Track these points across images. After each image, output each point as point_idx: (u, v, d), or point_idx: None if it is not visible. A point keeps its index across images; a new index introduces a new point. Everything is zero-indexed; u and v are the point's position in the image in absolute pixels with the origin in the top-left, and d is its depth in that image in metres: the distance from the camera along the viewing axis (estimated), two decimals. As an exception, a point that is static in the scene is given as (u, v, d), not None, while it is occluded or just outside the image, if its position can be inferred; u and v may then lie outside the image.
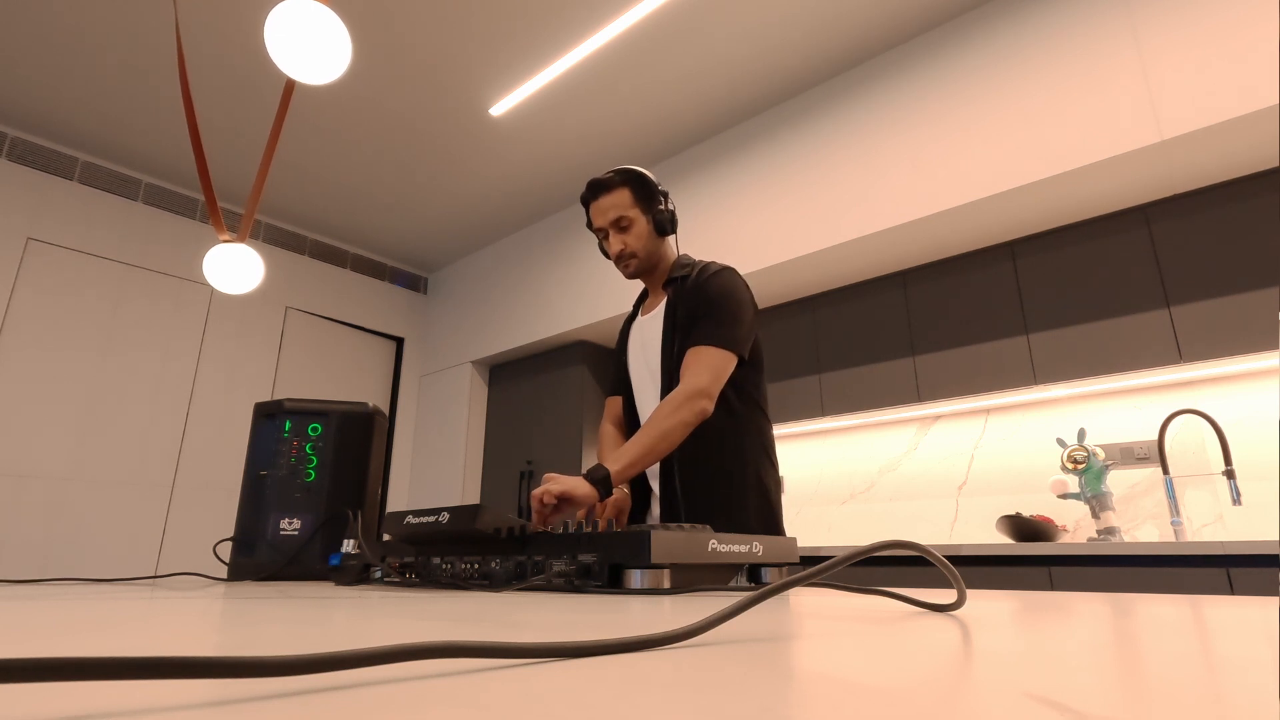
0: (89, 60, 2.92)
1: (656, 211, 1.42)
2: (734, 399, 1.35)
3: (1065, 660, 0.24)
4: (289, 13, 1.23)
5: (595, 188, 1.42)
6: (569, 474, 3.72)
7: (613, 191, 1.41)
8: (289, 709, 0.15)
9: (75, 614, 0.43)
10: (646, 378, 1.44)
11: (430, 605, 0.52)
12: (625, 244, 1.41)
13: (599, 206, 1.42)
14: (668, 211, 1.42)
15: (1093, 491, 2.35)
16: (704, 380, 1.25)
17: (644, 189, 1.41)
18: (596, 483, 1.14)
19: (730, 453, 1.34)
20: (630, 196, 1.41)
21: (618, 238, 1.41)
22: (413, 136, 3.42)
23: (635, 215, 1.40)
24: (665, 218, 1.42)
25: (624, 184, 1.41)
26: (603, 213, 1.41)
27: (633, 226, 1.41)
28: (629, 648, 0.26)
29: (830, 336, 3.07)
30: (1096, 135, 2.21)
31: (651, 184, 1.42)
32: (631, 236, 1.41)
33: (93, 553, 3.30)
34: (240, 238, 1.81)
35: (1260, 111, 1.95)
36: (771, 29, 2.73)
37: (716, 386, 1.27)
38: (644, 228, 1.42)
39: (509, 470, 4.10)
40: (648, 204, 1.42)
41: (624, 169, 1.42)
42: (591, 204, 1.43)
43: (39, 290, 3.34)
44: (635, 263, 1.43)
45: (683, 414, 1.22)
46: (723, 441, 1.33)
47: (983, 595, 0.65)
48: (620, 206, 1.40)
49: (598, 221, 1.43)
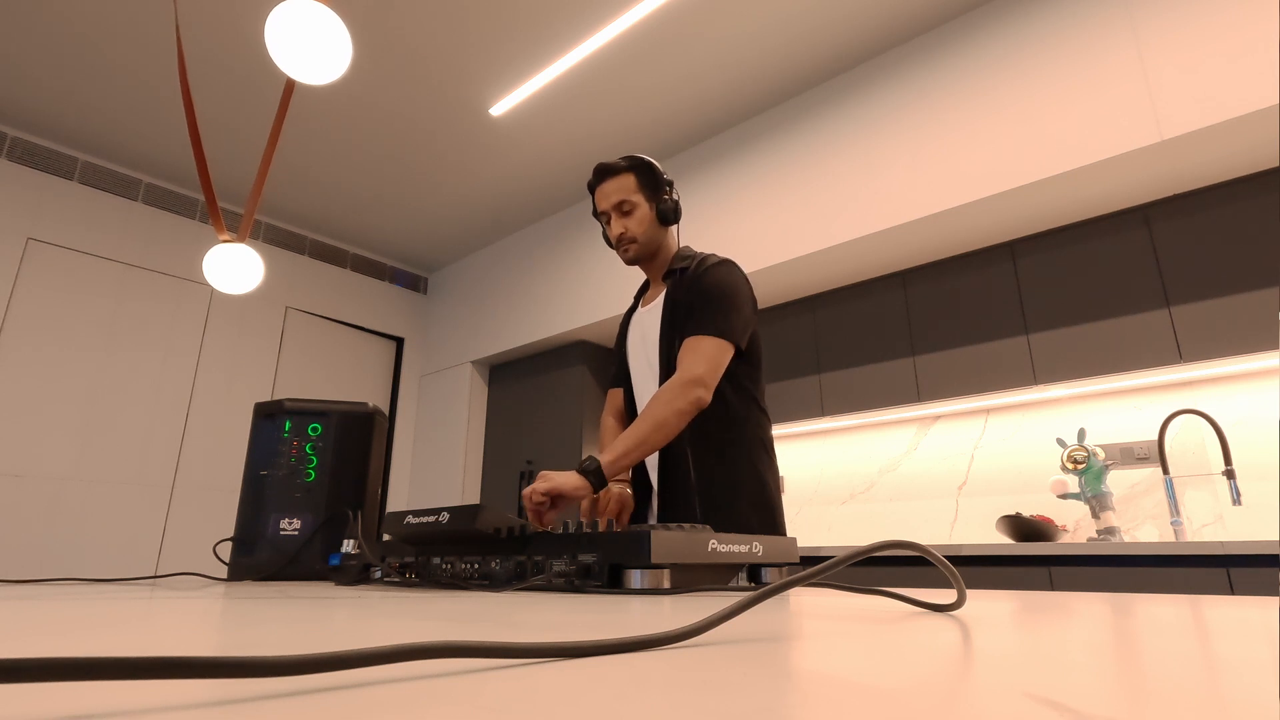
0: (89, 60, 2.92)
1: (660, 200, 1.43)
2: (732, 395, 1.35)
3: (1065, 660, 0.24)
4: (289, 13, 1.23)
5: (602, 172, 1.43)
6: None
7: (618, 176, 1.42)
8: (289, 709, 0.15)
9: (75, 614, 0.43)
10: (645, 369, 1.45)
11: (430, 605, 0.52)
12: (626, 228, 1.42)
13: (604, 190, 1.43)
14: (671, 201, 1.43)
15: (1093, 491, 2.35)
16: (700, 369, 1.25)
17: (650, 176, 1.43)
18: (587, 474, 1.13)
19: (729, 448, 1.33)
20: (635, 182, 1.42)
21: (619, 221, 1.42)
22: (413, 136, 3.42)
23: (638, 201, 1.42)
24: (669, 207, 1.43)
25: (630, 169, 1.42)
26: (606, 196, 1.43)
27: (635, 211, 1.42)
28: (629, 648, 0.26)
29: (830, 336, 3.07)
30: (1096, 135, 2.21)
31: (658, 172, 1.44)
32: (633, 221, 1.42)
33: (93, 553, 3.30)
34: (240, 238, 1.81)
35: (1260, 111, 1.95)
36: (772, 29, 2.73)
37: (713, 376, 1.26)
38: (646, 214, 1.43)
39: (509, 470, 4.10)
40: (652, 191, 1.43)
41: (632, 155, 1.44)
42: (597, 188, 1.45)
43: (39, 290, 3.34)
44: (635, 248, 1.43)
45: (678, 403, 1.21)
46: (722, 437, 1.33)
47: (983, 595, 0.65)
48: (624, 190, 1.41)
49: (601, 205, 1.44)
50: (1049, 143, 2.30)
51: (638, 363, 1.48)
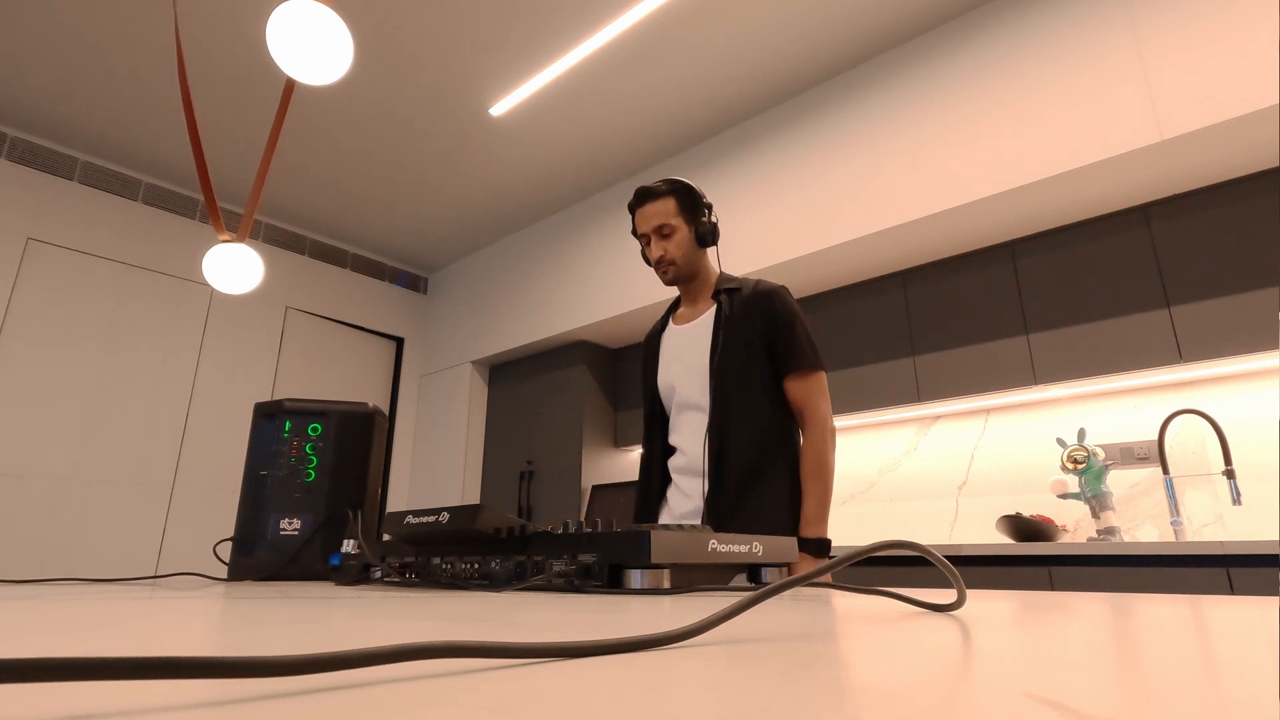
0: (89, 61, 2.92)
1: (699, 223, 1.47)
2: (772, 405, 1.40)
3: (1065, 660, 0.24)
4: (291, 13, 1.23)
5: (642, 195, 1.48)
6: (567, 474, 3.72)
7: (659, 199, 1.46)
8: (289, 709, 0.15)
9: (75, 614, 0.43)
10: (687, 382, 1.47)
11: (430, 605, 0.52)
12: (666, 250, 1.46)
13: (644, 213, 1.48)
14: (710, 224, 1.47)
15: (1093, 491, 2.35)
16: (823, 409, 1.39)
17: (689, 199, 1.47)
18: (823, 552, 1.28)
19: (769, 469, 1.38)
20: (675, 205, 1.46)
21: (659, 244, 1.47)
22: (413, 136, 3.42)
23: (678, 224, 1.46)
24: (707, 229, 1.47)
25: (670, 193, 1.46)
26: (647, 219, 1.47)
27: (675, 234, 1.46)
28: (629, 648, 0.26)
29: (830, 336, 3.07)
30: (1096, 135, 2.21)
31: (697, 195, 1.48)
32: (673, 244, 1.46)
33: (93, 553, 3.30)
34: (240, 238, 1.81)
35: (1260, 111, 1.95)
36: (771, 29, 2.73)
37: (829, 404, 1.41)
38: (685, 236, 1.47)
39: (509, 470, 4.10)
40: (691, 214, 1.47)
41: (672, 179, 1.49)
42: (637, 210, 1.49)
43: (39, 290, 3.34)
44: (674, 270, 1.48)
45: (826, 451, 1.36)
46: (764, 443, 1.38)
47: (983, 595, 0.65)
48: (664, 214, 1.46)
49: (642, 228, 1.48)
50: (1049, 143, 2.30)
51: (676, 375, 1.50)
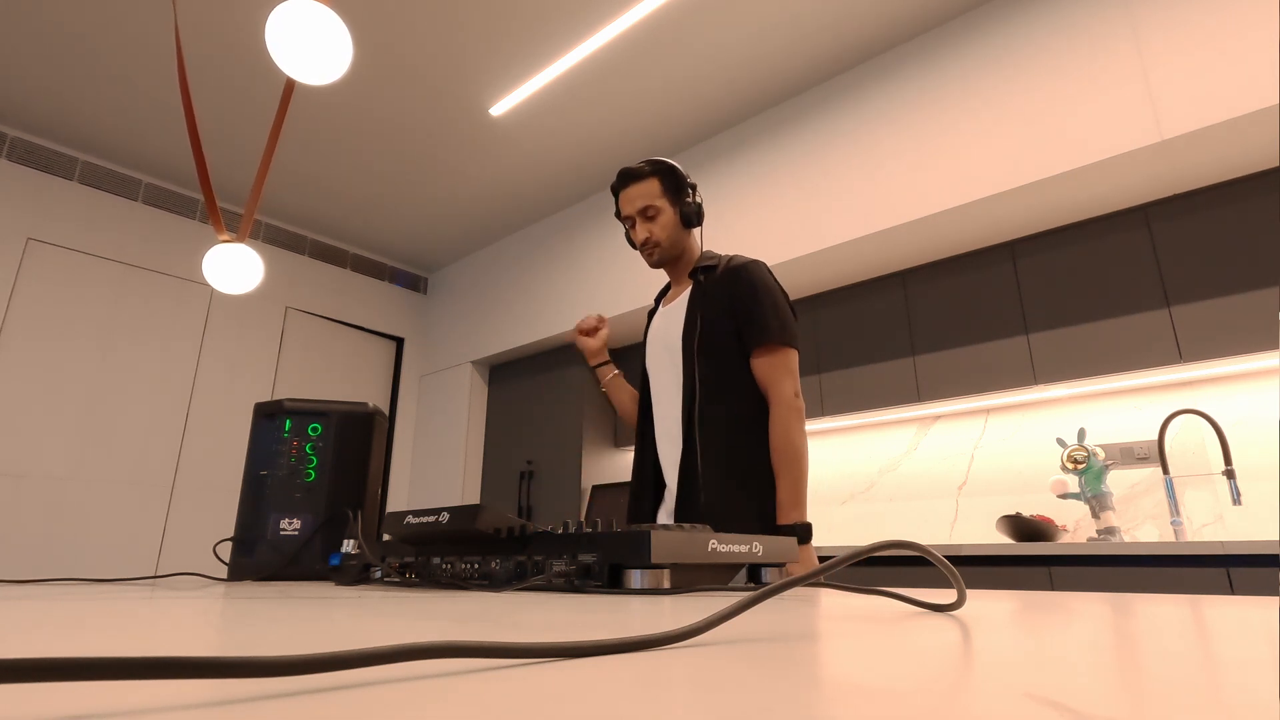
0: (89, 61, 2.92)
1: (684, 203, 1.46)
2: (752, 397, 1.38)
3: (1065, 660, 0.24)
4: (290, 13, 1.23)
5: (625, 176, 1.46)
6: (567, 474, 3.72)
7: (642, 181, 1.45)
8: (289, 709, 0.15)
9: (75, 614, 0.43)
10: (666, 363, 1.47)
11: (430, 605, 0.52)
12: (650, 232, 1.45)
13: (628, 195, 1.46)
14: (694, 204, 1.46)
15: (1093, 491, 2.35)
16: (787, 387, 1.34)
17: (673, 180, 1.45)
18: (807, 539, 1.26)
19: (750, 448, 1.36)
20: (659, 186, 1.45)
21: (644, 225, 1.45)
22: (413, 136, 3.42)
23: (663, 205, 1.45)
24: (692, 210, 1.45)
25: (654, 174, 1.45)
26: (631, 201, 1.45)
27: (659, 216, 1.45)
28: (629, 648, 0.26)
29: (830, 336, 3.07)
30: (1096, 135, 2.21)
31: (681, 176, 1.46)
32: (657, 225, 1.45)
33: (93, 553, 3.30)
34: (240, 238, 1.81)
35: (1260, 111, 1.95)
36: (771, 29, 2.73)
37: (797, 382, 1.35)
38: (670, 218, 1.45)
39: (509, 470, 4.10)
40: (676, 195, 1.46)
41: (655, 159, 1.47)
42: (621, 192, 1.47)
43: (39, 290, 3.34)
44: (659, 251, 1.46)
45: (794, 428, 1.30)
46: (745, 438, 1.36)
47: (983, 595, 0.65)
48: (648, 196, 1.44)
49: (626, 210, 1.46)
50: (1049, 143, 2.30)
51: (657, 358, 1.50)
